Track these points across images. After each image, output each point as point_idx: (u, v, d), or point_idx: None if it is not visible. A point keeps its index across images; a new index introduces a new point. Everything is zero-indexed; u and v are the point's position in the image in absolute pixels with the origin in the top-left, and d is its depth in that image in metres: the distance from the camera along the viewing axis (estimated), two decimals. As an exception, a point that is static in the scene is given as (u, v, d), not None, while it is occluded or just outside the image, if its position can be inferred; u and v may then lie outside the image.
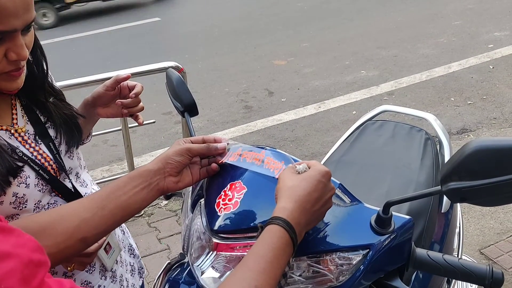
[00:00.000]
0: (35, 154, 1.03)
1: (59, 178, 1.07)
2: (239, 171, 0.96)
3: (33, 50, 1.03)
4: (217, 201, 0.93)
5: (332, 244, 0.86)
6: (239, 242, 0.90)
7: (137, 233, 2.93)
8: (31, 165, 1.00)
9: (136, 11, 8.60)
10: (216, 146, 0.97)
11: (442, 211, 1.64)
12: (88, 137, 1.36)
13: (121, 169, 3.61)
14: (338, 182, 0.91)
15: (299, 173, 0.85)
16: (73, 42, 6.86)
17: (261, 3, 8.30)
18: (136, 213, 0.92)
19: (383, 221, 0.86)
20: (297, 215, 0.79)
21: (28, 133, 1.04)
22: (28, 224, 0.86)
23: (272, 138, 3.99)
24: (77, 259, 1.08)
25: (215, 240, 0.91)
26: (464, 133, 3.76)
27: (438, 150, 1.83)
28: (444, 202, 1.64)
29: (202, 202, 0.98)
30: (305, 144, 3.86)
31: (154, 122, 3.24)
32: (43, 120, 1.08)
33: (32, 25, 0.92)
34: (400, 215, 0.90)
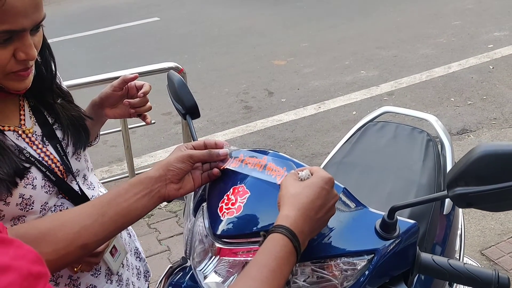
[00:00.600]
0: (42, 156, 1.03)
1: (66, 180, 1.07)
2: (242, 175, 0.95)
3: (42, 51, 1.02)
4: (220, 206, 0.93)
5: (337, 249, 0.86)
6: (242, 247, 0.89)
7: (137, 234, 2.89)
8: (38, 167, 1.00)
9: (135, 11, 8.58)
10: (218, 153, 0.96)
11: (444, 213, 1.64)
12: (96, 139, 1.36)
13: (121, 170, 3.60)
14: (342, 187, 0.91)
15: (302, 180, 0.84)
16: (72, 42, 6.85)
17: (261, 3, 8.29)
18: (137, 220, 0.91)
19: (388, 226, 0.86)
20: (301, 223, 0.78)
21: (36, 134, 1.04)
22: (28, 231, 0.85)
23: (272, 139, 3.99)
24: (85, 259, 1.07)
25: (218, 245, 0.90)
26: (464, 134, 3.76)
27: (440, 152, 1.82)
28: (446, 204, 1.64)
29: (205, 206, 0.97)
30: (305, 145, 3.85)
31: (154, 123, 3.23)
32: (51, 122, 1.07)
33: (41, 25, 0.92)
34: (405, 220, 0.89)
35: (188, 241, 1.02)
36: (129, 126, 3.03)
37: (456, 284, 1.74)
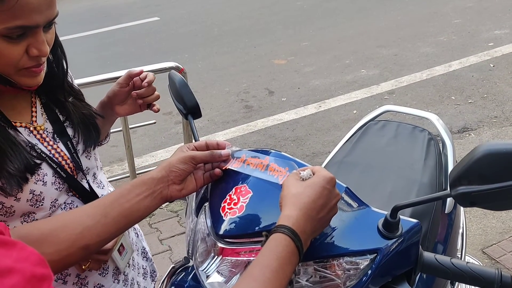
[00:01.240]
0: (53, 152, 1.03)
1: (77, 178, 1.08)
2: (244, 175, 0.95)
3: (54, 49, 1.04)
4: (222, 205, 0.93)
5: (339, 249, 0.85)
6: (245, 247, 0.89)
7: (139, 234, 2.91)
8: (49, 163, 1.00)
9: (135, 11, 8.58)
10: (220, 153, 0.96)
11: (446, 212, 1.64)
12: (106, 138, 1.36)
13: (122, 170, 3.60)
14: (345, 186, 0.90)
15: (304, 180, 0.84)
16: (72, 42, 6.84)
17: (261, 2, 8.28)
18: (139, 221, 0.91)
19: (391, 225, 0.85)
20: (303, 223, 0.78)
21: (47, 131, 1.05)
22: (31, 232, 0.85)
23: (273, 138, 3.98)
24: (94, 256, 1.08)
25: (220, 245, 0.90)
26: (465, 132, 3.75)
27: (441, 150, 1.82)
28: (448, 203, 1.63)
29: (207, 206, 0.97)
30: (306, 144, 3.85)
31: (155, 123, 3.23)
32: (62, 119, 1.08)
33: (54, 23, 0.93)
34: (408, 219, 0.89)
35: (191, 241, 1.02)
36: (130, 126, 3.03)
37: (458, 283, 1.75)
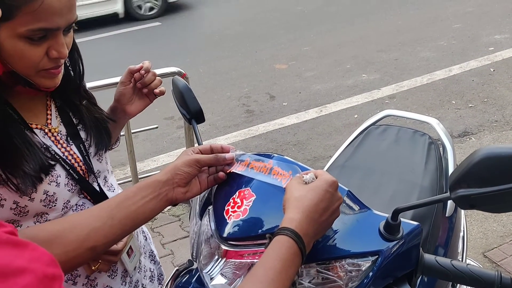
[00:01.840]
0: (66, 154, 1.06)
1: (88, 180, 1.10)
2: (247, 178, 0.97)
3: (71, 52, 1.06)
4: (226, 208, 0.94)
5: (342, 251, 0.87)
6: (248, 249, 0.90)
7: (141, 238, 2.92)
8: (62, 164, 1.03)
9: (137, 16, 8.62)
10: (224, 157, 0.98)
11: (447, 215, 1.65)
12: (117, 142, 1.38)
13: (124, 174, 3.61)
14: (347, 189, 0.92)
15: (306, 183, 0.85)
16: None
17: (262, 8, 8.32)
18: (144, 223, 0.93)
19: (392, 228, 0.87)
20: (305, 226, 0.80)
21: (61, 134, 1.07)
22: (39, 233, 0.87)
23: (274, 142, 4.00)
24: (104, 257, 1.09)
25: (224, 247, 0.92)
26: (466, 136, 3.77)
27: (442, 154, 1.84)
28: (449, 206, 1.64)
29: (211, 209, 0.99)
30: (307, 148, 3.86)
31: (157, 128, 3.25)
32: (75, 122, 1.11)
33: (73, 27, 0.96)
34: (409, 221, 0.91)
35: (195, 244, 1.04)
36: (132, 131, 3.05)
37: (459, 285, 1.75)
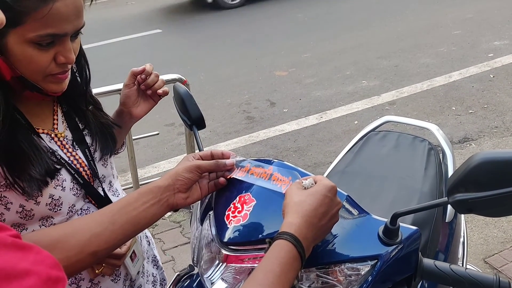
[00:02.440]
0: (72, 159, 1.07)
1: (93, 185, 1.11)
2: (248, 184, 0.98)
3: (78, 58, 1.08)
4: (227, 213, 0.95)
5: (341, 255, 0.88)
6: (249, 254, 0.91)
7: (141, 245, 2.92)
8: (68, 169, 1.04)
9: (138, 23, 8.67)
10: (225, 163, 0.99)
11: (447, 221, 1.65)
12: (122, 147, 1.39)
13: (125, 181, 3.62)
14: (346, 194, 0.93)
15: (306, 188, 0.86)
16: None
17: (262, 14, 8.36)
18: (145, 228, 0.94)
19: (391, 232, 0.88)
20: (305, 230, 0.80)
21: (67, 139, 1.09)
22: (41, 238, 0.88)
23: (275, 149, 4.01)
24: (108, 261, 1.10)
25: (225, 252, 0.92)
26: (466, 142, 3.77)
27: (441, 160, 1.84)
28: (448, 212, 1.65)
29: (212, 214, 1.00)
30: (308, 154, 3.87)
31: (158, 134, 3.26)
32: (81, 127, 1.12)
33: (80, 33, 0.98)
34: (407, 226, 0.91)
35: (195, 249, 1.04)
36: (133, 137, 3.06)
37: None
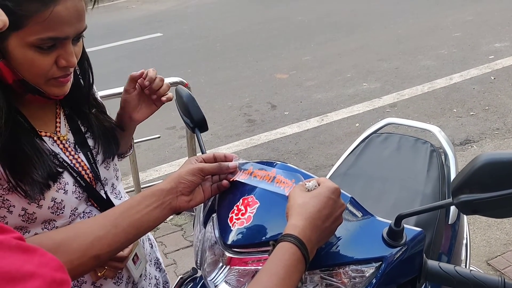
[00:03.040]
0: (74, 162, 1.07)
1: (95, 188, 1.11)
2: (250, 186, 0.97)
3: (81, 62, 1.08)
4: (230, 216, 0.95)
5: (345, 257, 0.87)
6: (252, 257, 0.91)
7: (143, 248, 2.92)
8: (70, 172, 1.04)
9: (138, 27, 8.69)
10: (228, 165, 0.99)
11: (449, 223, 1.65)
12: (130, 150, 1.38)
13: (126, 184, 3.61)
14: (349, 196, 0.93)
15: (309, 191, 0.86)
16: (76, 58, 6.91)
17: (262, 18, 8.38)
18: (148, 232, 0.94)
19: (395, 234, 0.87)
20: (308, 232, 0.80)
21: (69, 142, 1.08)
22: (43, 241, 0.87)
23: (276, 151, 4.01)
24: (110, 264, 1.10)
25: (229, 255, 0.92)
26: (467, 144, 3.77)
27: (444, 162, 1.84)
28: (451, 214, 1.65)
29: (215, 217, 0.99)
30: (309, 157, 3.87)
31: (159, 137, 3.26)
32: (83, 130, 1.12)
33: (82, 36, 0.98)
34: (412, 228, 0.91)
35: (199, 251, 1.04)
36: (135, 141, 3.05)
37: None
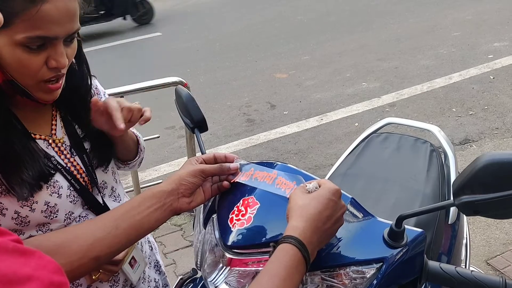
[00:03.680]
0: (69, 165, 1.05)
1: (92, 192, 1.09)
2: (251, 187, 0.97)
3: (79, 65, 1.06)
4: (230, 217, 0.94)
5: (346, 258, 0.87)
6: (253, 257, 0.90)
7: (143, 248, 2.91)
8: (64, 174, 1.02)
9: (137, 27, 8.68)
10: (229, 166, 0.98)
11: (449, 223, 1.65)
12: (137, 157, 1.31)
13: (125, 184, 3.61)
14: (350, 197, 0.92)
15: (310, 192, 0.86)
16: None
17: (262, 17, 8.37)
18: (149, 233, 0.93)
19: (396, 235, 0.87)
20: (309, 234, 0.80)
21: (65, 145, 1.07)
22: (43, 243, 0.87)
23: (275, 151, 4.00)
24: (105, 267, 1.09)
25: (229, 256, 0.92)
26: (467, 144, 3.77)
27: (444, 162, 1.84)
28: (451, 214, 1.65)
29: (215, 218, 0.99)
30: (308, 157, 3.86)
31: (158, 137, 3.25)
32: (80, 133, 1.10)
33: (76, 38, 0.96)
34: (413, 228, 0.91)
35: (199, 252, 1.04)
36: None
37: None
